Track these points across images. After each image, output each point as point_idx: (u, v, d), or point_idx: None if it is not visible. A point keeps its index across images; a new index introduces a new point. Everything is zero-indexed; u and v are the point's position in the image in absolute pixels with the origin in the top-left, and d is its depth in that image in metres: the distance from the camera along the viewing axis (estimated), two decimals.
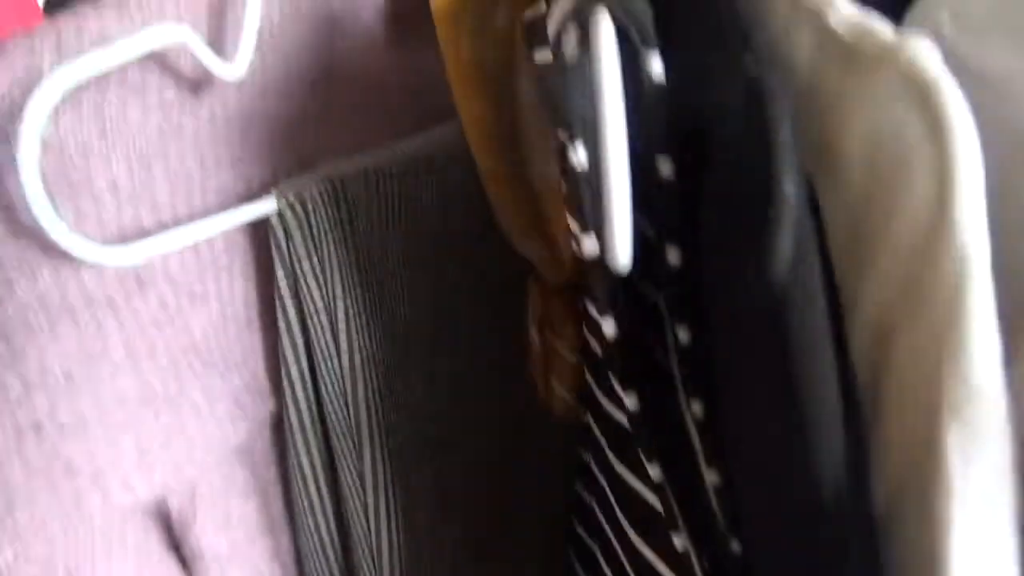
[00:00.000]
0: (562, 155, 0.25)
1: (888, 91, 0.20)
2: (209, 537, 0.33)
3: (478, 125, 0.40)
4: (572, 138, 0.25)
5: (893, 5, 0.31)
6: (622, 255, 0.23)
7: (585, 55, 0.24)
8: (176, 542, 0.33)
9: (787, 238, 0.19)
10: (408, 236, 0.39)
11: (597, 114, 0.22)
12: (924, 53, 0.20)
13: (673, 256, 0.25)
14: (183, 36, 0.29)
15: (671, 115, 0.24)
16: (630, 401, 0.27)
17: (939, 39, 0.26)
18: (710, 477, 0.27)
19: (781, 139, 0.20)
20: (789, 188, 0.19)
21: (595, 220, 0.25)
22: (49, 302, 0.27)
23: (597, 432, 0.38)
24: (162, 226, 0.31)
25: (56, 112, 0.27)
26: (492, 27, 0.41)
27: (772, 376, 0.21)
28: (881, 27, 0.22)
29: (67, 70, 0.25)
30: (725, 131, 0.23)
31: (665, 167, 0.25)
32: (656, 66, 0.23)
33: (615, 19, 0.22)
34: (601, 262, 0.25)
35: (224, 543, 0.34)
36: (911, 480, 0.20)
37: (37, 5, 0.32)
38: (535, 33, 0.36)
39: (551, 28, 0.28)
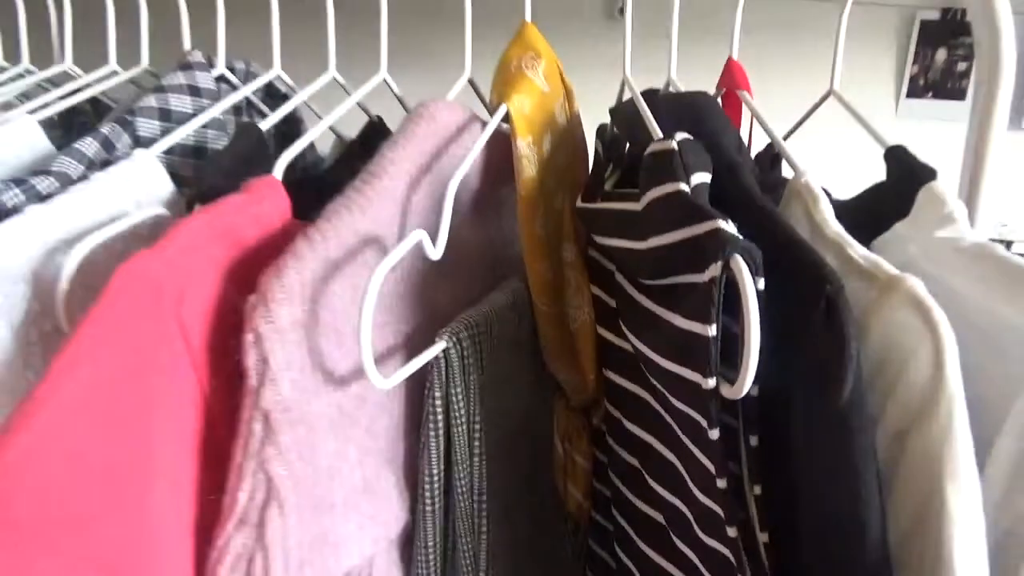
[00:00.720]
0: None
1: (899, 303, 0.36)
2: None
3: (539, 279, 0.56)
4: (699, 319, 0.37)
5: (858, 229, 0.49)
6: (747, 384, 0.34)
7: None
8: None
9: (852, 379, 0.33)
10: (505, 363, 0.52)
11: (747, 318, 0.33)
12: (919, 284, 0.36)
13: (754, 391, 0.39)
14: (423, 236, 0.41)
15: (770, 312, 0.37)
16: (721, 483, 0.39)
17: (910, 262, 0.44)
18: (762, 537, 0.41)
19: (850, 330, 0.34)
20: (855, 350, 0.33)
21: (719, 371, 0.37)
22: (324, 416, 0.38)
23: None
24: (382, 362, 0.43)
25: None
26: (553, 209, 0.57)
27: (840, 463, 0.35)
28: (884, 262, 0.38)
29: (389, 261, 0.37)
30: (812, 320, 0.36)
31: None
32: (760, 284, 0.36)
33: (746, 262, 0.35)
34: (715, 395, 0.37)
35: None
36: (919, 524, 0.34)
37: (288, 206, 0.44)
38: (594, 222, 0.51)
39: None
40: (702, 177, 0.42)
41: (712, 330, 0.36)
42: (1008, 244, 1.56)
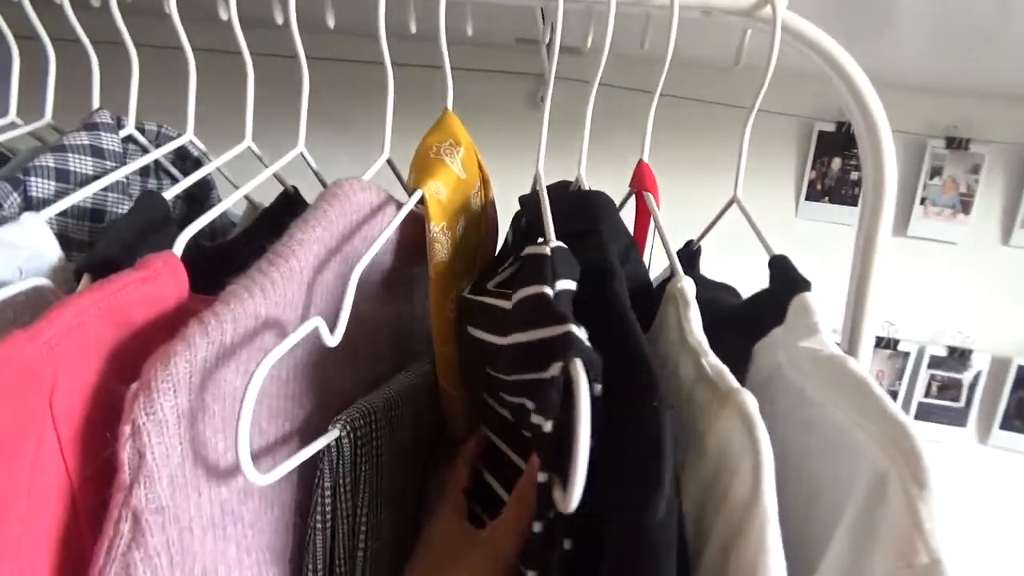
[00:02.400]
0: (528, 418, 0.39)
1: (731, 415, 0.37)
2: None
3: (445, 360, 0.55)
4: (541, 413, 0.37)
5: (741, 334, 0.51)
6: (575, 500, 0.34)
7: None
8: None
9: (663, 503, 0.33)
10: (405, 442, 0.50)
11: (576, 424, 0.34)
12: (751, 400, 0.37)
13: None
14: (319, 323, 0.40)
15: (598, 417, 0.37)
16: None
17: (778, 368, 0.46)
18: None
19: (667, 450, 0.34)
20: (669, 476, 0.34)
21: (554, 467, 0.37)
22: (203, 514, 0.35)
23: None
24: (268, 448, 0.40)
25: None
26: (457, 295, 0.57)
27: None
28: (729, 374, 0.40)
29: (276, 353, 0.36)
30: (632, 436, 0.37)
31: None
32: (597, 389, 0.37)
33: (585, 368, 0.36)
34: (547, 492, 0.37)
35: None
36: None
37: (186, 285, 0.42)
38: (471, 315, 0.52)
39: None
40: (566, 284, 0.44)
41: (548, 425, 0.36)
42: (895, 343, 1.67)
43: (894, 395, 1.67)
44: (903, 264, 1.66)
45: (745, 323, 0.50)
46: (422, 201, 0.53)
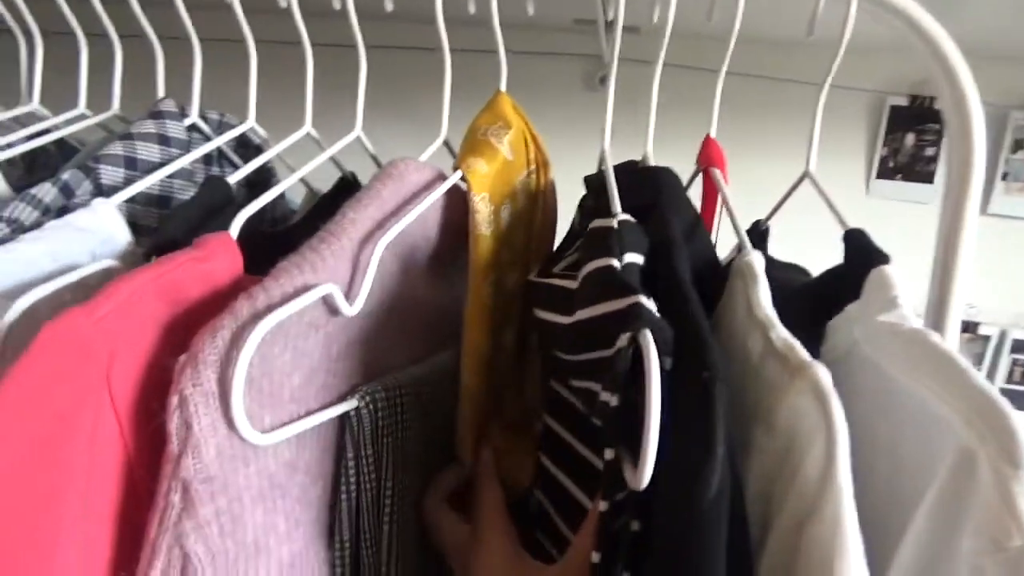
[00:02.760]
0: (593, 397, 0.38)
1: (803, 389, 0.36)
2: None
3: (474, 351, 0.54)
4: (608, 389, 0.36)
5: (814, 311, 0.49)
6: (647, 476, 0.33)
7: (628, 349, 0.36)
8: None
9: (714, 476, 0.32)
10: (427, 430, 0.50)
11: (648, 395, 0.33)
12: (823, 373, 0.36)
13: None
14: (332, 289, 0.41)
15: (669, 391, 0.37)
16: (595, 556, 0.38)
17: (855, 344, 0.44)
18: None
19: (717, 422, 0.33)
20: (720, 449, 0.33)
21: (623, 443, 0.36)
22: (252, 486, 0.36)
23: None
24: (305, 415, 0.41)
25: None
26: (505, 286, 0.56)
27: (688, 558, 0.33)
28: (800, 348, 0.39)
29: (276, 316, 0.36)
30: (685, 411, 0.35)
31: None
32: (668, 363, 0.36)
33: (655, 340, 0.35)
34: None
35: None
36: None
37: (240, 264, 0.43)
38: (540, 299, 0.51)
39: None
40: (634, 257, 0.43)
41: (615, 400, 0.35)
42: (975, 326, 1.57)
43: None
44: (983, 243, 1.55)
45: (818, 300, 0.48)
46: (464, 179, 0.53)
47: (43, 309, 0.39)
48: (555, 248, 0.63)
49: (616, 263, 0.41)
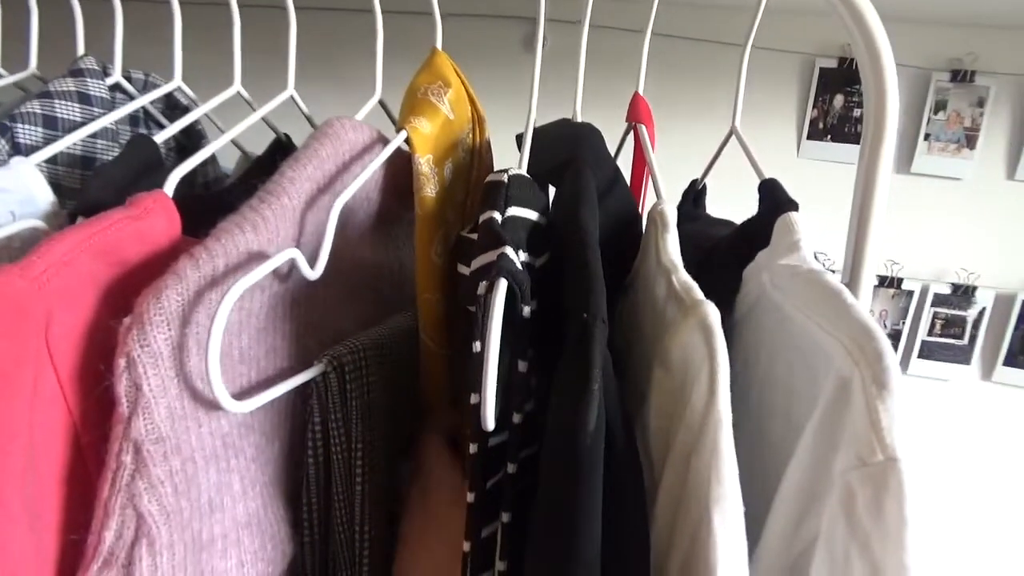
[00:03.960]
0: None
1: (692, 327, 0.38)
2: None
3: (428, 309, 0.55)
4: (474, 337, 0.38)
5: (735, 259, 0.51)
6: (490, 418, 0.35)
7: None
8: None
9: (590, 416, 0.34)
10: (402, 387, 0.51)
11: (486, 332, 0.35)
12: (711, 310, 0.38)
13: (517, 418, 0.40)
14: (296, 255, 0.40)
15: (532, 336, 0.40)
16: (470, 496, 0.40)
17: (762, 288, 0.46)
18: (499, 566, 0.41)
19: (594, 360, 0.35)
20: (595, 386, 0.35)
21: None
22: (205, 446, 0.36)
23: None
24: (261, 382, 0.41)
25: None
26: (447, 244, 0.56)
27: (566, 492, 0.34)
28: (696, 289, 0.41)
29: (246, 280, 0.36)
30: (565, 353, 0.37)
31: (522, 365, 0.40)
32: (526, 310, 0.39)
33: (510, 284, 0.37)
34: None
35: None
36: (693, 545, 0.34)
37: (178, 224, 0.41)
38: (462, 253, 0.52)
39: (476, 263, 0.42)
40: (520, 211, 0.44)
41: (476, 346, 0.37)
42: (899, 282, 1.66)
43: (898, 334, 1.67)
44: (907, 201, 1.64)
45: (737, 250, 0.50)
46: (408, 141, 0.52)
47: None
48: None
49: (498, 216, 0.42)
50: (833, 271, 0.46)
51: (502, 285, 0.36)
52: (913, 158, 1.62)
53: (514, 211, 0.44)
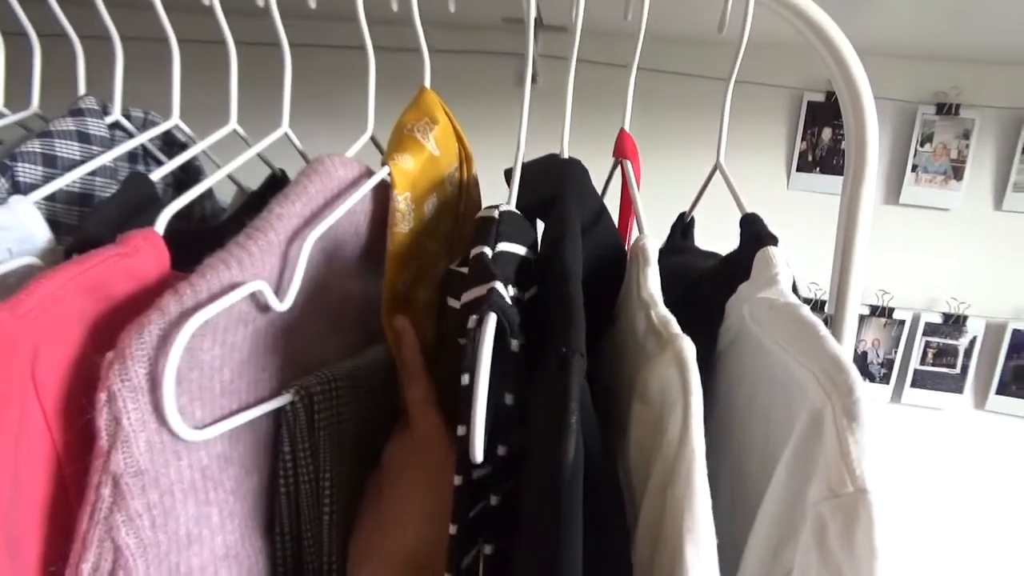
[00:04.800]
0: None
1: (669, 360, 0.39)
2: None
3: (389, 338, 0.55)
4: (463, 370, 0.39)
5: (717, 292, 0.52)
6: (478, 449, 0.35)
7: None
8: None
9: (568, 448, 0.35)
10: (364, 419, 0.51)
11: (476, 365, 0.36)
12: (687, 345, 0.39)
13: (502, 451, 0.40)
14: (262, 287, 0.42)
15: (520, 370, 0.41)
16: (452, 528, 0.40)
17: (743, 321, 0.47)
18: None
19: (572, 394, 0.36)
20: (573, 419, 0.36)
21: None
22: (184, 478, 0.37)
23: None
24: (239, 410, 0.42)
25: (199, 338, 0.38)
26: (432, 274, 0.58)
27: (546, 524, 0.35)
28: (673, 323, 0.42)
29: (203, 314, 0.37)
30: (543, 386, 0.39)
31: (509, 398, 0.41)
32: (514, 344, 0.40)
33: (499, 319, 0.38)
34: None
35: None
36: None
37: (167, 260, 0.43)
38: (452, 287, 0.53)
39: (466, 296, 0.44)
40: (510, 247, 0.46)
41: (466, 379, 0.37)
42: (890, 311, 1.67)
43: (890, 363, 1.67)
44: (896, 232, 1.66)
45: (720, 283, 0.52)
46: (390, 176, 0.54)
47: None
48: None
49: (488, 251, 0.44)
50: (822, 302, 0.48)
51: (492, 320, 0.37)
52: (901, 189, 1.64)
53: (504, 246, 0.46)
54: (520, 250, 0.47)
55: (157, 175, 0.55)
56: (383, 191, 0.55)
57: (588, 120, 1.04)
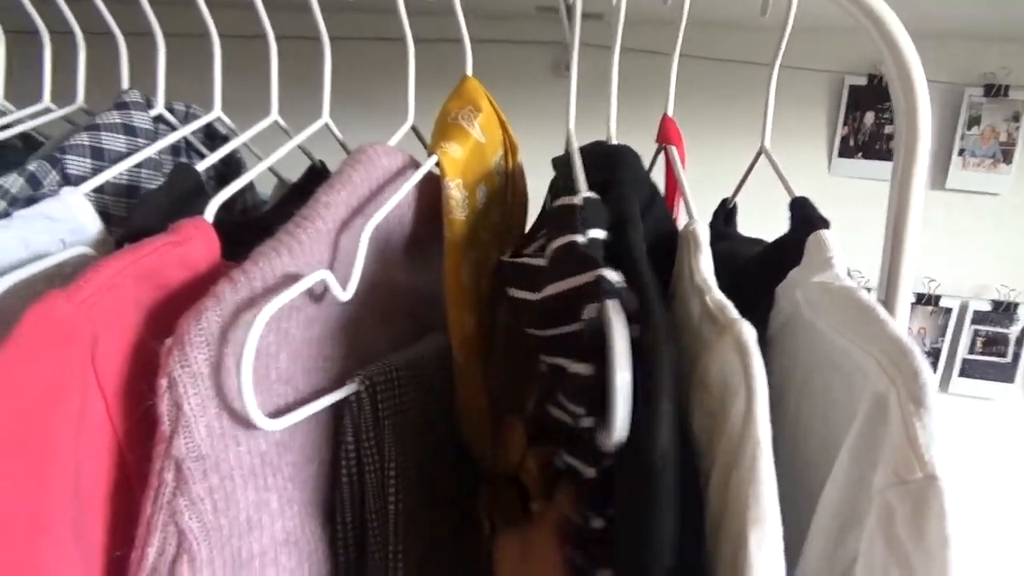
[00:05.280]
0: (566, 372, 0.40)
1: (728, 346, 0.38)
2: None
3: (458, 333, 0.55)
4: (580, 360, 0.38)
5: (766, 278, 0.51)
6: (617, 434, 0.35)
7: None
8: None
9: (662, 436, 0.34)
10: (423, 408, 0.51)
11: (613, 360, 0.35)
12: (747, 329, 0.38)
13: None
14: (327, 275, 0.41)
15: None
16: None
17: (796, 306, 0.46)
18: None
19: (663, 382, 0.35)
20: (665, 406, 0.35)
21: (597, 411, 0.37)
22: (243, 464, 0.37)
23: None
24: (298, 401, 0.42)
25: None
26: (486, 264, 0.57)
27: (643, 506, 0.35)
28: (730, 307, 0.40)
29: (279, 299, 0.37)
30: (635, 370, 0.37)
31: None
32: (635, 331, 0.37)
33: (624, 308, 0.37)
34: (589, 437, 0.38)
35: None
36: (732, 568, 0.34)
37: (217, 248, 0.43)
38: (510, 278, 0.52)
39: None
40: (597, 232, 0.44)
41: (588, 369, 0.37)
42: (936, 299, 1.63)
43: (937, 352, 1.63)
44: (942, 218, 1.61)
45: (769, 268, 0.50)
46: (439, 165, 0.53)
47: (19, 295, 0.39)
48: (528, 230, 0.64)
49: (581, 238, 0.43)
50: (868, 289, 0.46)
51: (615, 306, 0.36)
52: (948, 174, 1.60)
53: (594, 233, 0.44)
54: (603, 235, 0.46)
55: (201, 167, 0.56)
56: (428, 182, 0.55)
57: (626, 106, 1.03)
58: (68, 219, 0.48)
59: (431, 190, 0.56)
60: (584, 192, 0.46)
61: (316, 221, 0.44)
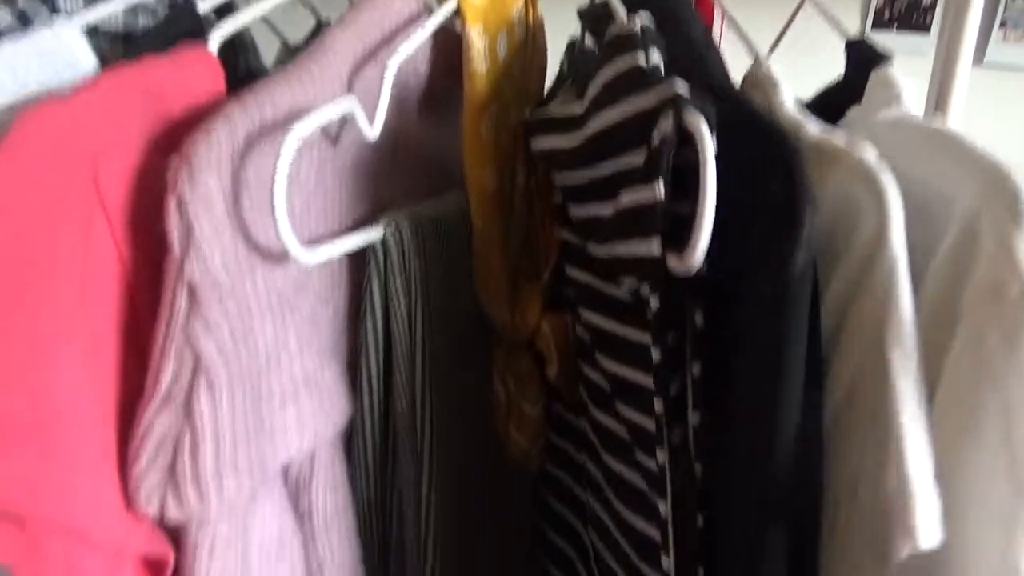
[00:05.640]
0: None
1: (846, 175, 0.35)
2: (320, 496, 0.41)
3: (477, 190, 0.52)
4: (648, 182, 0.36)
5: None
6: (700, 251, 0.32)
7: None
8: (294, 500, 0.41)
9: (802, 250, 0.32)
10: (455, 265, 0.49)
11: (704, 175, 0.32)
12: (870, 153, 0.35)
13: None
14: (354, 107, 0.39)
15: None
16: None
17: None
18: (693, 419, 0.39)
19: (805, 191, 0.32)
20: (809, 217, 0.32)
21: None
22: (260, 297, 0.35)
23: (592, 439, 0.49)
24: (319, 240, 0.40)
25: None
26: (507, 120, 0.54)
27: (773, 337, 0.33)
28: (831, 139, 0.38)
29: (312, 120, 0.35)
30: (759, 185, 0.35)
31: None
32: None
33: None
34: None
35: (330, 503, 0.42)
36: (862, 386, 0.33)
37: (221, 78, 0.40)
38: (538, 128, 0.49)
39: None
40: (660, 59, 0.40)
41: (660, 193, 0.34)
42: None
43: None
44: (979, 96, 1.52)
45: (825, 109, 0.47)
46: (459, 10, 0.49)
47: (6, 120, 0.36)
48: (545, 94, 0.61)
49: (644, 62, 0.39)
50: None
51: (699, 118, 0.33)
52: (987, 48, 1.47)
53: (657, 58, 0.40)
54: (660, 60, 0.42)
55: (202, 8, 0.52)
56: (447, 32, 0.51)
57: None
58: (63, 52, 0.44)
59: (447, 41, 0.52)
60: (641, 20, 0.42)
61: (327, 54, 0.42)
